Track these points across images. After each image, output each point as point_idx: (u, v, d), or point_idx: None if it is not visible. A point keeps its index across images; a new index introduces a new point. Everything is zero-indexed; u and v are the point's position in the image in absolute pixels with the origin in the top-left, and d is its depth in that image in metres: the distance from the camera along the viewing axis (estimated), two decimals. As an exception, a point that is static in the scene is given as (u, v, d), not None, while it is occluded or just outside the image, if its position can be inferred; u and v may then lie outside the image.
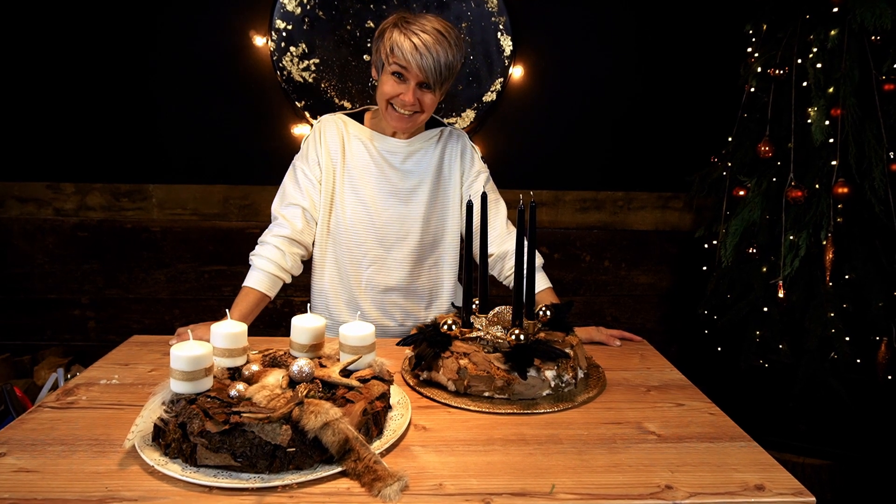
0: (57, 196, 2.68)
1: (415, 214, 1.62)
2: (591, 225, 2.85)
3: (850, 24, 2.03)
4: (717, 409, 1.19)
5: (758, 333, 2.22)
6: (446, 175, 1.65)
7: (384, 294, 1.66)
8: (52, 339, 2.77)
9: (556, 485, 0.91)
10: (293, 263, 1.58)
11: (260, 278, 1.52)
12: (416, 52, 1.39)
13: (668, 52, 2.71)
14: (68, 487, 0.88)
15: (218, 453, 0.90)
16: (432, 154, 1.63)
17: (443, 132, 1.66)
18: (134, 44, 2.59)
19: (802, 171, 2.14)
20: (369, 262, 1.63)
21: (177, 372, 0.97)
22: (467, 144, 1.69)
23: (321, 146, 1.61)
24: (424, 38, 1.39)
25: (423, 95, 1.47)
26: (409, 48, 1.40)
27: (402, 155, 1.61)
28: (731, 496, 0.89)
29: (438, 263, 1.69)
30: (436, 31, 1.41)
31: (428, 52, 1.40)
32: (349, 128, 1.63)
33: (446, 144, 1.65)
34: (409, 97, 1.46)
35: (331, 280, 1.66)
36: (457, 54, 1.45)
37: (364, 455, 0.92)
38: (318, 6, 2.57)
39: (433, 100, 1.49)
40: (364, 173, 1.60)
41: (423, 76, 1.43)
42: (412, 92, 1.46)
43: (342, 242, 1.63)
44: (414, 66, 1.41)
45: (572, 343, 1.27)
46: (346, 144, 1.61)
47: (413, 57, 1.40)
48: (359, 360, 1.12)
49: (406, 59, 1.41)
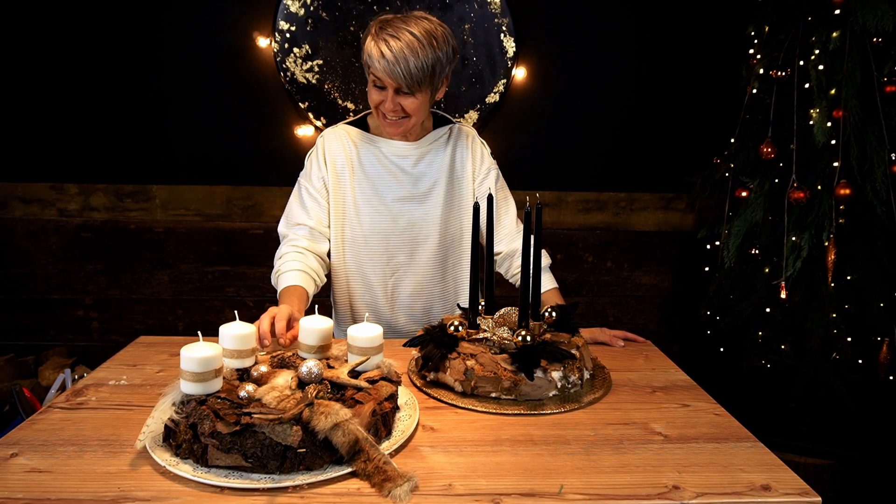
0: (60, 197, 2.69)
1: (432, 216, 1.61)
2: (594, 226, 2.86)
3: (851, 26, 2.03)
4: (722, 409, 1.20)
5: (760, 334, 2.23)
6: (459, 173, 1.64)
7: (412, 299, 1.65)
8: (55, 339, 2.78)
9: (565, 485, 0.92)
10: (317, 266, 1.55)
11: (296, 276, 1.47)
12: (383, 61, 1.37)
13: (671, 53, 2.72)
14: (81, 487, 0.88)
15: (229, 454, 0.91)
16: (443, 154, 1.62)
17: (451, 130, 1.65)
18: (138, 45, 2.59)
19: (804, 172, 2.14)
20: (393, 269, 1.63)
21: (187, 373, 0.98)
22: (477, 141, 1.68)
23: (325, 162, 1.59)
24: (395, 45, 1.36)
25: (403, 100, 1.45)
26: (377, 56, 1.38)
27: (414, 157, 1.60)
28: (737, 496, 0.90)
29: (460, 262, 1.68)
30: (410, 36, 1.37)
31: (396, 60, 1.37)
32: (354, 137, 1.61)
33: (456, 142, 1.64)
34: (389, 104, 1.45)
35: (356, 292, 1.65)
36: (436, 55, 1.40)
37: (374, 456, 0.92)
38: (321, 7, 2.58)
39: (417, 103, 1.46)
40: (378, 181, 1.59)
41: (395, 83, 1.41)
42: (391, 99, 1.44)
43: (363, 253, 1.61)
44: (383, 73, 1.39)
45: (578, 344, 1.28)
46: (355, 155, 1.60)
47: (381, 65, 1.38)
48: (367, 361, 1.12)
49: (376, 68, 1.40)
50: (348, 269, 1.63)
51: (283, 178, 2.72)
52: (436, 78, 1.44)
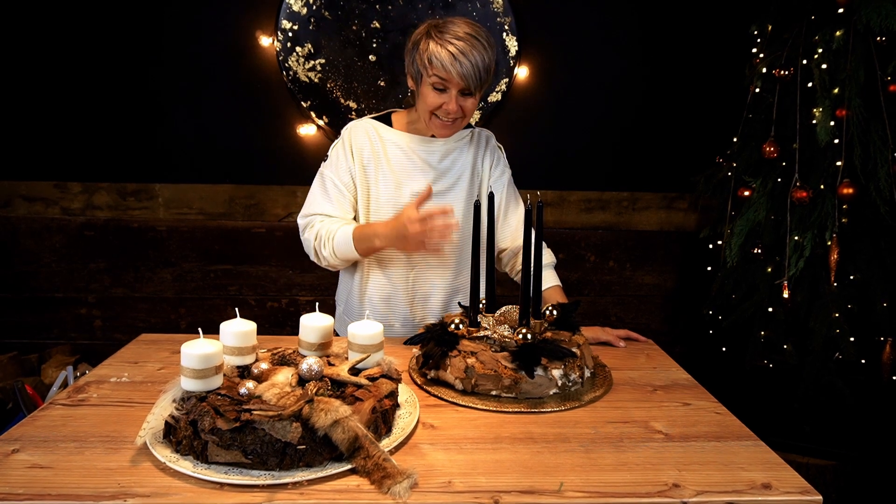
0: (64, 195, 2.70)
1: (455, 212, 1.62)
2: (596, 225, 2.86)
3: (855, 25, 2.03)
4: (723, 408, 1.19)
5: (762, 334, 2.22)
6: (479, 173, 1.69)
7: (431, 294, 1.67)
8: (58, 337, 2.79)
9: (565, 483, 0.91)
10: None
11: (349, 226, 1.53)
12: (454, 62, 1.40)
13: (673, 52, 2.72)
14: (82, 483, 0.89)
15: (229, 450, 0.91)
16: (467, 153, 1.66)
17: (473, 132, 1.70)
18: (141, 44, 2.60)
19: (807, 171, 2.14)
20: (414, 263, 1.64)
21: (187, 370, 0.98)
22: (495, 144, 1.73)
23: (351, 153, 1.61)
24: (460, 45, 1.40)
25: (464, 102, 1.49)
26: (447, 58, 1.40)
27: (439, 154, 1.63)
28: (738, 494, 0.90)
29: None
30: (469, 36, 1.42)
31: (465, 59, 1.40)
32: (382, 132, 1.63)
33: (478, 144, 1.69)
34: (453, 106, 1.47)
35: (375, 285, 1.66)
36: (492, 54, 1.46)
37: (373, 453, 0.92)
38: (324, 6, 2.58)
39: (474, 104, 1.51)
40: (403, 176, 1.61)
41: (464, 83, 1.43)
42: (454, 100, 1.47)
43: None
44: (455, 74, 1.42)
45: (579, 342, 1.28)
46: (381, 148, 1.61)
47: (453, 66, 1.41)
48: (367, 358, 1.12)
49: (446, 70, 1.42)
50: (369, 261, 1.65)
51: (286, 177, 2.73)
52: (490, 76, 1.49)
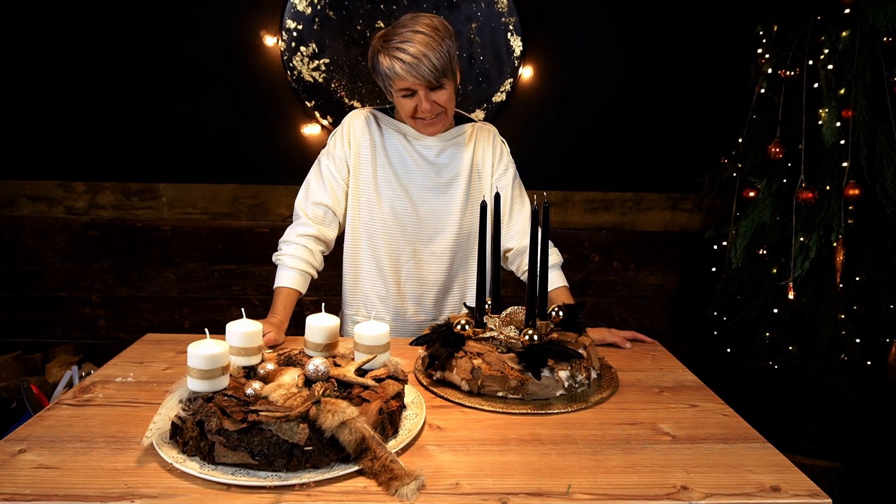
0: (68, 195, 2.70)
1: (452, 208, 1.63)
2: (600, 225, 2.85)
3: (861, 25, 2.02)
4: (730, 410, 1.19)
5: (767, 335, 2.22)
6: (480, 168, 1.67)
7: (423, 289, 1.67)
8: (62, 336, 2.79)
9: (573, 485, 0.91)
10: (320, 260, 1.60)
11: (294, 277, 1.54)
12: (409, 69, 1.40)
13: (678, 52, 2.71)
14: (88, 484, 0.88)
15: (236, 451, 0.91)
16: (466, 148, 1.65)
17: (474, 127, 1.69)
18: (145, 43, 2.60)
19: (813, 172, 2.13)
20: (408, 256, 1.64)
21: (194, 370, 0.98)
22: (497, 138, 1.71)
23: (349, 142, 1.61)
24: (411, 49, 1.40)
25: (436, 96, 1.48)
26: (400, 68, 1.41)
27: (438, 148, 1.62)
28: (746, 497, 0.89)
29: (473, 256, 1.69)
30: (417, 35, 1.41)
31: (419, 62, 1.40)
32: (382, 122, 1.63)
33: (478, 138, 1.67)
34: (425, 105, 1.47)
35: (369, 277, 1.66)
36: (447, 43, 1.44)
37: (381, 454, 0.92)
38: (328, 6, 2.58)
39: (448, 93, 1.50)
40: (400, 167, 1.61)
41: (423, 81, 1.43)
42: (425, 99, 1.47)
43: (380, 237, 1.63)
44: (410, 77, 1.42)
45: (585, 344, 1.27)
46: (379, 138, 1.62)
47: (409, 74, 1.41)
48: (374, 359, 1.12)
49: (403, 79, 1.43)
50: (362, 252, 1.65)
51: (290, 177, 2.73)
52: (453, 63, 1.48)
